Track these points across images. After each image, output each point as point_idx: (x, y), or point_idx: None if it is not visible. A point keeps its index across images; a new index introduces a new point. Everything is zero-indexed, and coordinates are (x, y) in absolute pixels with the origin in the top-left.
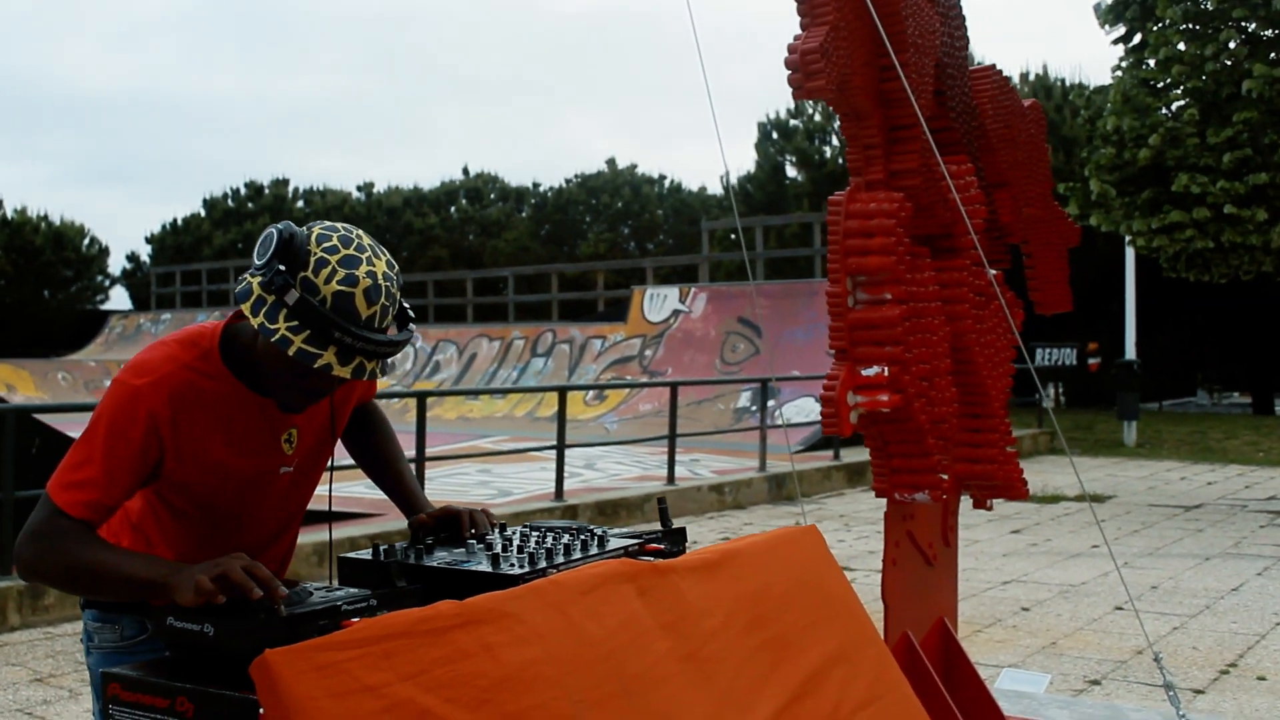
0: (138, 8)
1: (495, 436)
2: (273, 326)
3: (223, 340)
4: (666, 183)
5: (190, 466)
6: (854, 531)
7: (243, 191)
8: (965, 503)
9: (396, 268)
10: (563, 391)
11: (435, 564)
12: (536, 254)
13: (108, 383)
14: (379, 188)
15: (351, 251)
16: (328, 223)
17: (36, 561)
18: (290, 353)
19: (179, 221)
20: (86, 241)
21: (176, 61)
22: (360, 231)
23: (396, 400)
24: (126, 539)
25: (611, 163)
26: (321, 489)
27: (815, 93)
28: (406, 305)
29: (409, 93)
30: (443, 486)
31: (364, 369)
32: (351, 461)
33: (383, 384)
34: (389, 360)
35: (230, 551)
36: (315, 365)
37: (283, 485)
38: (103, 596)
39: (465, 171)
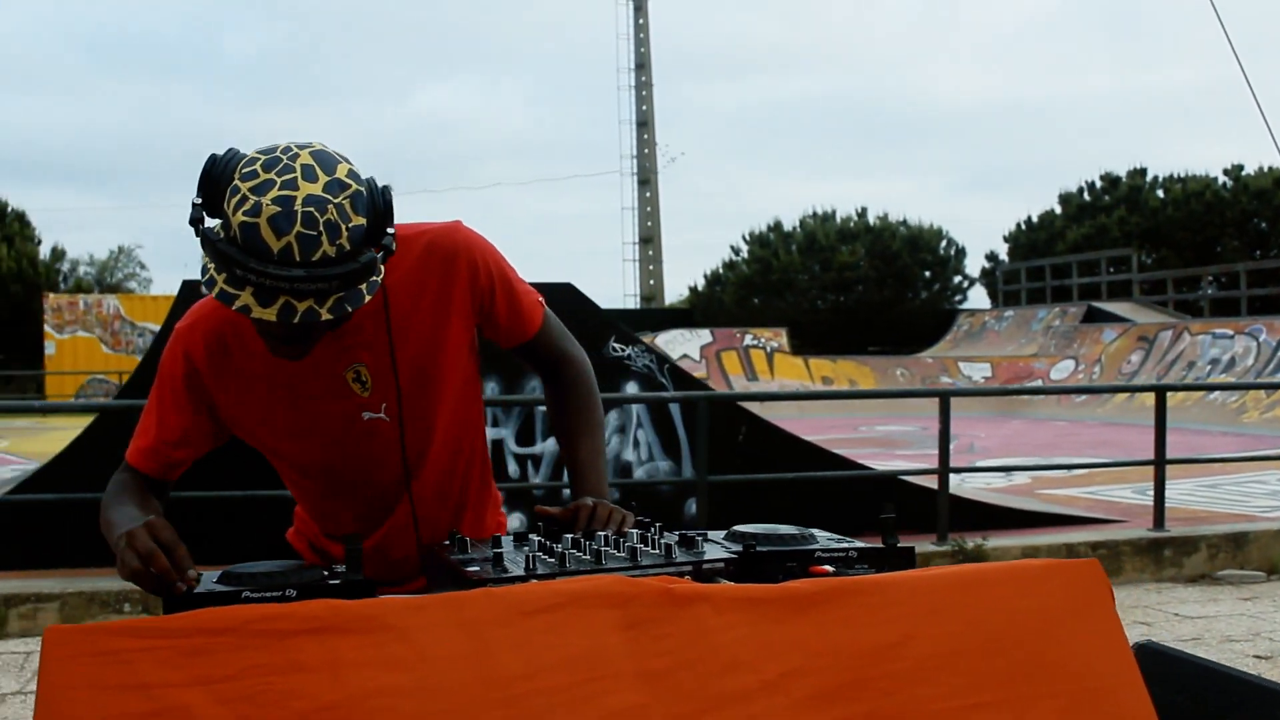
0: (1001, 21)
1: None
2: (207, 265)
3: None
4: None
5: (247, 412)
6: None
7: (1097, 184)
8: None
9: (353, 188)
10: None
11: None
12: None
13: (944, 379)
14: (1248, 169)
15: (271, 175)
16: (273, 144)
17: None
18: (213, 293)
19: (1033, 219)
20: (944, 243)
21: (1040, 68)
22: (313, 150)
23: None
24: (299, 511)
25: None
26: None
27: None
28: (391, 231)
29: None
30: (1228, 495)
31: (293, 309)
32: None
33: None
34: (340, 296)
35: (353, 509)
36: (234, 307)
37: (382, 433)
38: None
39: None
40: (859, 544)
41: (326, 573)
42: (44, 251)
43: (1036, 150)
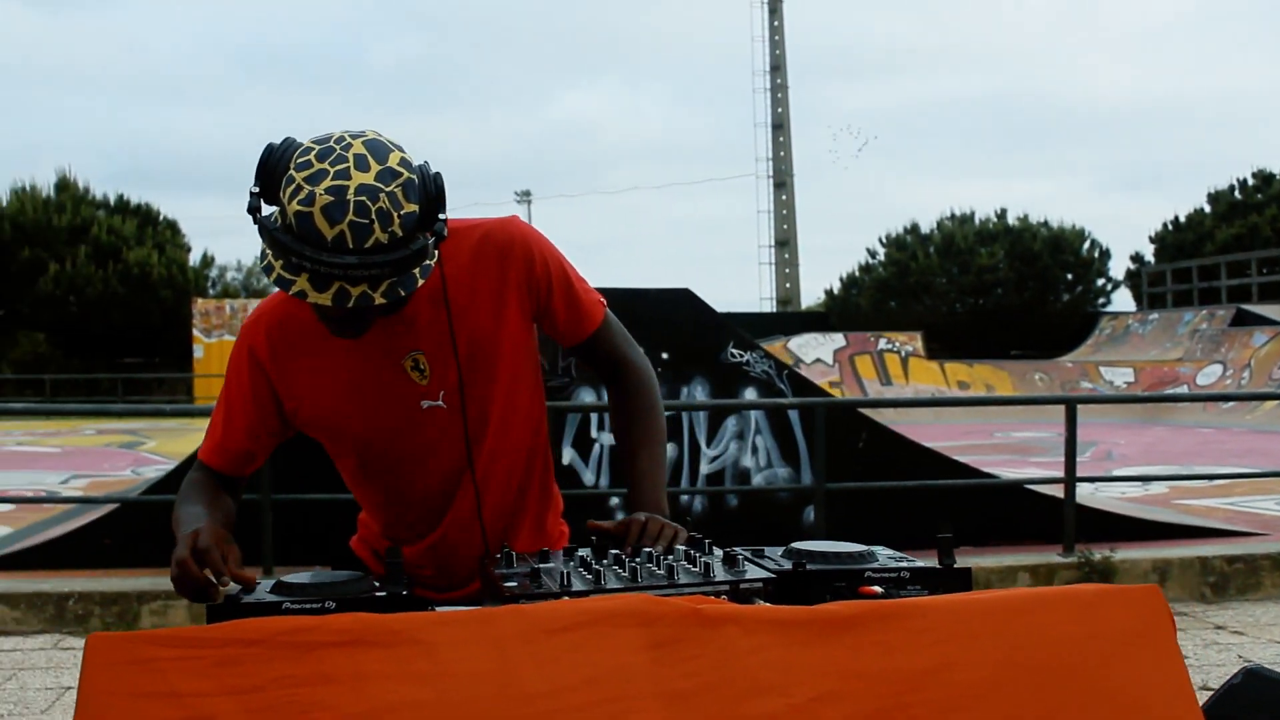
0: (1147, 16)
1: None
2: (265, 251)
3: None
4: None
5: (308, 404)
6: None
7: (1249, 181)
8: None
9: (404, 175)
10: None
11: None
12: None
13: (1085, 384)
14: None
15: (325, 165)
16: (327, 133)
17: None
18: (271, 279)
19: (1180, 219)
20: (1086, 245)
21: (1189, 63)
22: (366, 140)
23: None
24: (363, 518)
25: None
26: None
27: None
28: (443, 217)
29: None
30: None
31: (347, 294)
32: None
33: None
34: (393, 280)
35: (413, 503)
36: (290, 292)
37: (440, 421)
38: None
39: None
40: (917, 563)
41: (378, 584)
42: (194, 258)
43: (1184, 148)
